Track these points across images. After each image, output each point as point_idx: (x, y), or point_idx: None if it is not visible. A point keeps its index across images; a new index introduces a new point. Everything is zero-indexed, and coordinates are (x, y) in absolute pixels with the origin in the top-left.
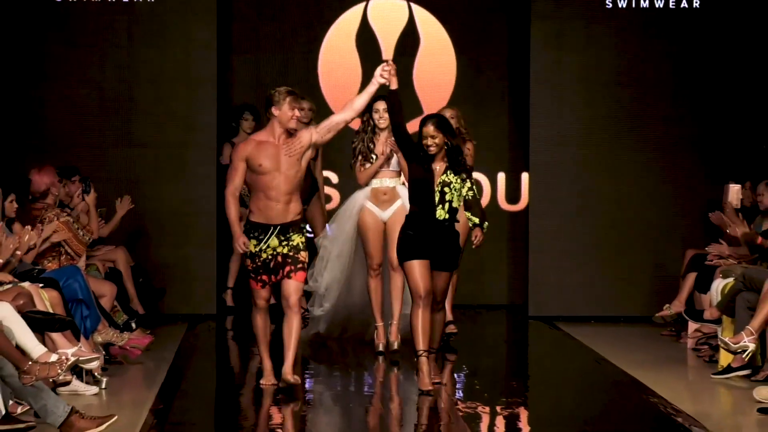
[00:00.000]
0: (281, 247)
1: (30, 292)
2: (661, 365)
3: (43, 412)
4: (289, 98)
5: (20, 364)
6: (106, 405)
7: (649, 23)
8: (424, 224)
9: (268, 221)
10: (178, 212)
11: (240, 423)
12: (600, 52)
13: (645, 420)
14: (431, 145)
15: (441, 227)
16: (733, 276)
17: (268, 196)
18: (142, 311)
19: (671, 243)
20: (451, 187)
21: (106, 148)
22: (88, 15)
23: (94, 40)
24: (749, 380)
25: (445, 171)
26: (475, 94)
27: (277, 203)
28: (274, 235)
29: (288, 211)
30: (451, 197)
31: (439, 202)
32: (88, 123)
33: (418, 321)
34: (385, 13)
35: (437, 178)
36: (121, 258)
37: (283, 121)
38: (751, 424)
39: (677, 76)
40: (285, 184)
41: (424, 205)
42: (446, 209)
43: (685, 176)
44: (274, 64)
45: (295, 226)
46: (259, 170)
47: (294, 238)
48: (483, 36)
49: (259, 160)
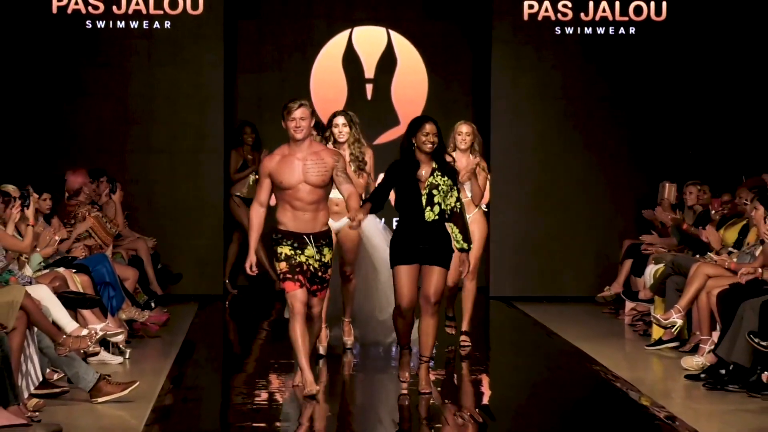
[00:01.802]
0: (314, 257)
1: (64, 276)
2: (602, 338)
3: (76, 379)
4: (285, 111)
5: (56, 338)
6: (129, 372)
7: (590, 47)
8: (412, 228)
9: (299, 230)
10: (190, 208)
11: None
12: (550, 71)
13: (588, 385)
14: (431, 143)
15: (430, 227)
16: (664, 262)
17: (294, 206)
18: (160, 292)
19: (610, 234)
20: (439, 189)
21: (128, 154)
22: (114, 40)
23: (119, 62)
24: (677, 351)
25: (432, 173)
26: (443, 106)
27: (304, 213)
28: (311, 245)
29: (317, 221)
30: (440, 199)
31: (427, 204)
32: (113, 132)
33: (398, 325)
34: (367, 38)
35: (424, 181)
36: (142, 247)
37: (290, 135)
38: (679, 388)
39: (614, 91)
40: (310, 195)
41: (411, 209)
42: (435, 211)
43: (621, 178)
44: (272, 82)
45: (324, 238)
46: (281, 186)
47: (326, 252)
48: (450, 57)
49: (279, 177)
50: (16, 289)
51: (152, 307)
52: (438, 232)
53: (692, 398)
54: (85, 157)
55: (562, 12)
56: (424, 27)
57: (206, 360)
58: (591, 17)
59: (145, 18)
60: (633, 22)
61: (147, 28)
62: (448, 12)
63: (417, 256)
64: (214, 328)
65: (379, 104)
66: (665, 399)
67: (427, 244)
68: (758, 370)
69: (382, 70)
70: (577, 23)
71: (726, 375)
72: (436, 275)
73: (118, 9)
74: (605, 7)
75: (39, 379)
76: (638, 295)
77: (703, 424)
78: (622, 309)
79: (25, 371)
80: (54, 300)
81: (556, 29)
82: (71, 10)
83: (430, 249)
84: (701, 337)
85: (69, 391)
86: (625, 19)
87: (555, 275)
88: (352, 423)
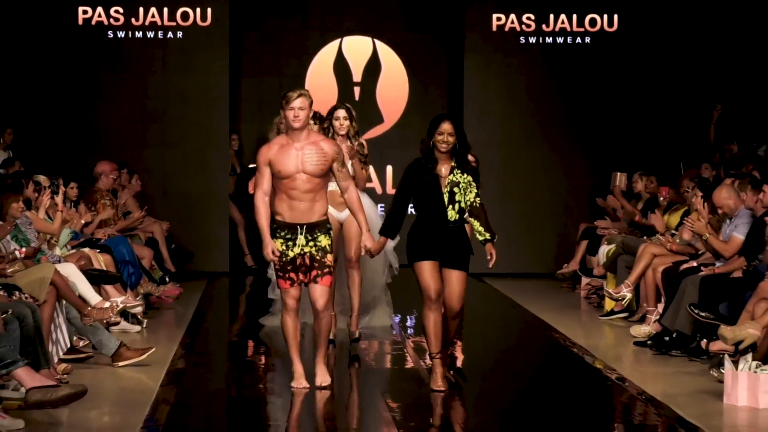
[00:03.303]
0: (308, 246)
1: (89, 255)
2: (560, 310)
3: (99, 345)
4: (284, 100)
5: (82, 309)
6: (147, 340)
7: (551, 55)
8: (433, 227)
9: (294, 221)
10: (200, 196)
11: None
12: (515, 77)
13: (548, 350)
14: (445, 142)
15: (451, 228)
16: (615, 243)
17: (290, 196)
18: (173, 269)
19: (568, 218)
20: (460, 187)
21: (145, 149)
22: (132, 48)
23: (137, 68)
24: (627, 321)
25: (452, 171)
26: (422, 107)
27: (300, 202)
28: (302, 234)
29: (313, 211)
30: (460, 197)
31: (449, 203)
32: (132, 130)
33: (429, 323)
34: (355, 47)
35: (444, 179)
36: (158, 230)
37: (288, 124)
38: (628, 353)
39: (571, 94)
40: (307, 184)
41: (431, 208)
42: (456, 210)
43: (578, 169)
44: (272, 85)
45: (321, 227)
46: (279, 175)
47: (321, 239)
48: (428, 64)
49: (278, 167)
50: (47, 267)
51: (167, 283)
52: (458, 233)
53: (640, 362)
54: (107, 151)
55: (526, 24)
56: (405, 37)
57: (214, 329)
58: (551, 28)
59: (159, 29)
60: (588, 33)
61: (161, 37)
62: (427, 24)
63: (438, 255)
64: (221, 301)
65: (365, 105)
66: (616, 363)
67: (448, 246)
68: (698, 337)
69: (368, 75)
70: (539, 34)
71: (669, 342)
72: (456, 281)
73: (136, 21)
74: (564, 19)
75: (67, 346)
76: (593, 271)
77: (649, 384)
78: (578, 284)
79: (54, 339)
80: (80, 276)
81: (521, 39)
82: (95, 22)
83: (449, 251)
84: (648, 308)
85: (93, 356)
86: (581, 29)
87: (520, 254)
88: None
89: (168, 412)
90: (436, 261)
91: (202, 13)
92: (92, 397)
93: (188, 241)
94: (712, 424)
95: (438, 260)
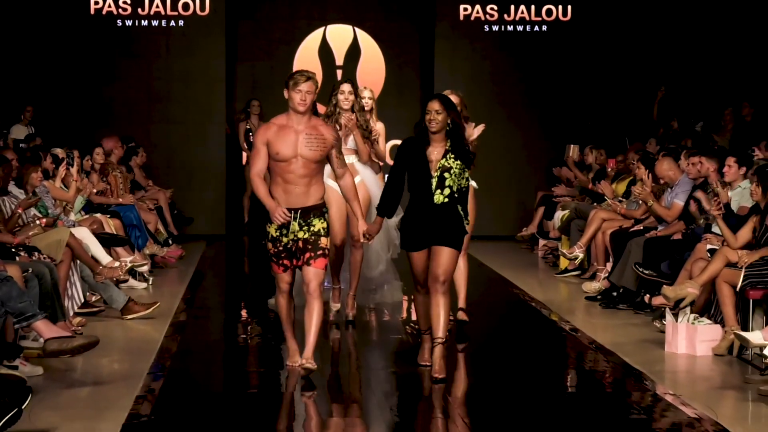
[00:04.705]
0: (302, 232)
1: (101, 220)
2: (520, 268)
3: (110, 300)
4: (291, 81)
5: (94, 268)
6: (152, 295)
7: (513, 41)
8: (422, 210)
9: (289, 205)
10: (200, 167)
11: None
12: (480, 61)
13: (510, 304)
14: (433, 120)
15: (440, 210)
16: (569, 209)
17: (286, 179)
18: (176, 233)
19: (527, 187)
20: (451, 172)
21: (152, 125)
22: (139, 35)
23: (143, 53)
24: (579, 278)
25: (445, 155)
26: (397, 87)
27: (296, 186)
28: (295, 220)
29: (308, 195)
30: (451, 182)
31: (437, 187)
32: (139, 108)
33: (419, 305)
34: (337, 34)
35: (435, 162)
36: (162, 197)
37: (292, 106)
38: (580, 307)
39: (530, 76)
40: (303, 168)
41: (421, 191)
42: (445, 194)
43: (536, 142)
44: (264, 69)
45: (316, 211)
46: (277, 157)
47: (315, 223)
48: (403, 49)
49: (276, 148)
50: (63, 231)
51: (170, 245)
52: (449, 213)
53: (591, 315)
54: (118, 127)
55: (489, 13)
56: (383, 25)
57: (212, 286)
58: (512, 17)
59: (163, 18)
60: (545, 21)
61: (165, 26)
62: (402, 13)
63: (427, 240)
64: (218, 261)
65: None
66: (570, 315)
67: (437, 227)
68: (642, 292)
69: (349, 59)
70: (501, 22)
71: (617, 296)
72: (446, 255)
73: (142, 11)
74: (523, 9)
75: (81, 301)
76: (549, 234)
77: (599, 334)
78: (536, 245)
79: (70, 295)
80: (92, 239)
81: (485, 27)
82: (105, 12)
83: (439, 230)
84: (598, 267)
85: (104, 310)
86: (538, 19)
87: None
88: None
89: (171, 359)
90: (426, 249)
91: (201, 3)
92: (103, 346)
93: (189, 208)
94: (654, 369)
95: (428, 245)
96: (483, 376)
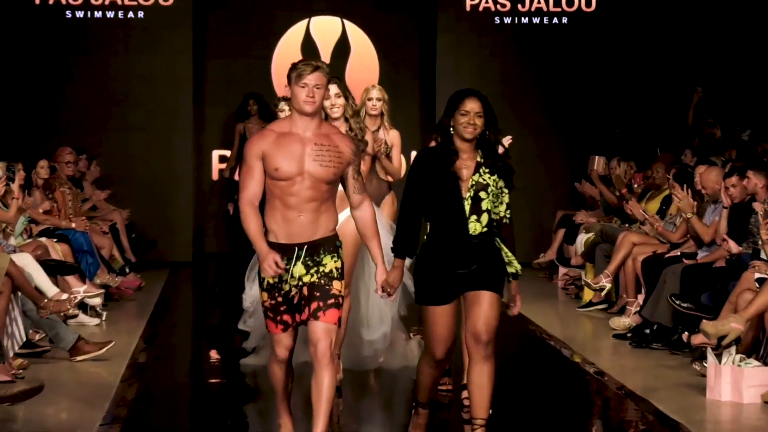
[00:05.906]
0: (309, 275)
1: (46, 245)
2: (537, 300)
3: (56, 339)
4: (294, 73)
5: (38, 301)
6: (106, 333)
7: (525, 35)
8: (450, 246)
9: (291, 240)
10: (163, 182)
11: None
12: (488, 58)
13: (525, 342)
14: (471, 125)
15: (476, 243)
16: (593, 231)
17: (287, 204)
18: (134, 260)
19: (545, 206)
20: (489, 191)
21: (108, 132)
22: (93, 29)
23: (98, 49)
24: (606, 312)
25: (477, 169)
26: (393, 88)
27: (300, 214)
28: (299, 260)
29: (317, 225)
30: (489, 205)
31: (471, 212)
32: (95, 112)
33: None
34: (323, 27)
35: (467, 180)
36: (118, 218)
37: (296, 106)
38: (607, 346)
39: (547, 76)
40: (311, 190)
41: (448, 219)
42: (483, 222)
43: (554, 154)
44: (238, 67)
45: (327, 246)
46: (276, 175)
47: (326, 261)
48: (400, 44)
49: (276, 162)
50: (1, 257)
51: (126, 273)
52: (486, 247)
53: (619, 355)
54: (70, 135)
55: (501, 3)
56: (376, 17)
57: (177, 320)
58: (527, 8)
59: (120, 8)
60: (565, 13)
61: (122, 17)
62: (398, 3)
63: (457, 287)
64: (184, 292)
65: None
66: (595, 356)
67: (473, 264)
68: (679, 329)
69: (337, 56)
70: (514, 13)
71: (650, 334)
72: (487, 302)
73: (96, 0)
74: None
75: (23, 340)
76: (570, 261)
77: (628, 378)
78: (555, 274)
79: (10, 332)
80: (36, 267)
81: (495, 19)
82: (52, 1)
83: (476, 270)
84: (627, 299)
85: (50, 350)
86: (558, 9)
87: None
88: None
89: (129, 408)
90: (454, 302)
91: None
92: (49, 392)
93: (150, 229)
94: (694, 419)
95: (457, 295)
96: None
